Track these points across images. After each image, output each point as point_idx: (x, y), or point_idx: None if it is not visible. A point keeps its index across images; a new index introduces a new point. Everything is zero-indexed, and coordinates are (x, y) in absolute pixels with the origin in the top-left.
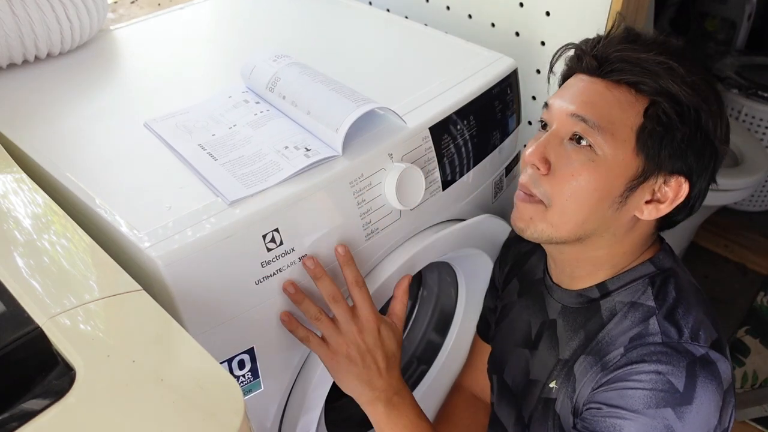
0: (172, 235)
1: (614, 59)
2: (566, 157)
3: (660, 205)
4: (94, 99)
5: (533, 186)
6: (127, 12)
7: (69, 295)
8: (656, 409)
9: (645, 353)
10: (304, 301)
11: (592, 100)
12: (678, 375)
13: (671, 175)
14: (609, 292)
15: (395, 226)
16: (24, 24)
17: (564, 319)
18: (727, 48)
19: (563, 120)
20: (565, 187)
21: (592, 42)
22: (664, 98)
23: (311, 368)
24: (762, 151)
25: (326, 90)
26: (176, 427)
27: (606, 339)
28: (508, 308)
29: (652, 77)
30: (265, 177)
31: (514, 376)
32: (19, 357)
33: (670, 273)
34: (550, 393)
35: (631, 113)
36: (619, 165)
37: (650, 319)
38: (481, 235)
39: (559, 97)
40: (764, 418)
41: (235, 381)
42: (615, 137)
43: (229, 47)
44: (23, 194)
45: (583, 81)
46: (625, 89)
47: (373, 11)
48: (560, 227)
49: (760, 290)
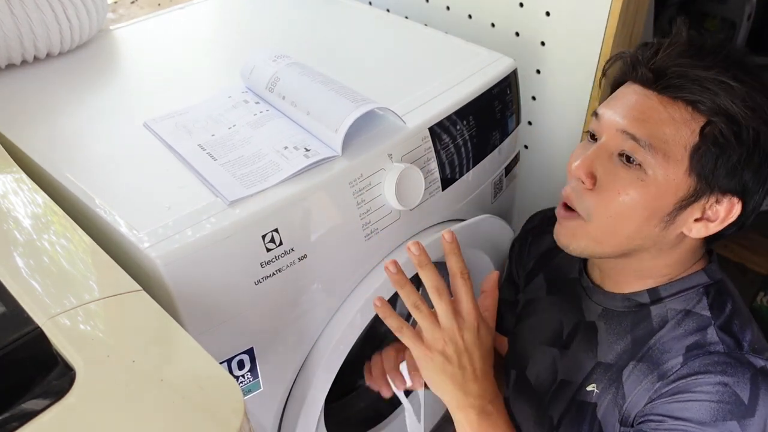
0: (171, 235)
1: (672, 74)
2: (614, 174)
3: (710, 224)
4: (94, 99)
5: (576, 200)
6: (127, 12)
7: (69, 295)
8: (723, 422)
9: (708, 363)
10: (406, 285)
11: (645, 116)
12: (743, 386)
13: (724, 195)
14: (661, 299)
15: (395, 226)
16: (23, 24)
17: (606, 322)
18: None
19: (613, 134)
20: (610, 205)
21: (650, 51)
22: (721, 118)
23: (311, 368)
24: None
25: (326, 90)
26: (176, 428)
27: (658, 346)
28: (534, 304)
29: (710, 96)
30: (264, 177)
31: (539, 373)
32: (19, 357)
33: (722, 284)
34: (588, 397)
35: (686, 132)
36: (670, 185)
37: (707, 329)
38: (481, 235)
39: (609, 108)
40: None
41: (235, 381)
42: (667, 157)
43: (229, 47)
44: (23, 194)
45: (637, 93)
46: (682, 106)
47: (373, 11)
48: (603, 243)
49: (760, 290)
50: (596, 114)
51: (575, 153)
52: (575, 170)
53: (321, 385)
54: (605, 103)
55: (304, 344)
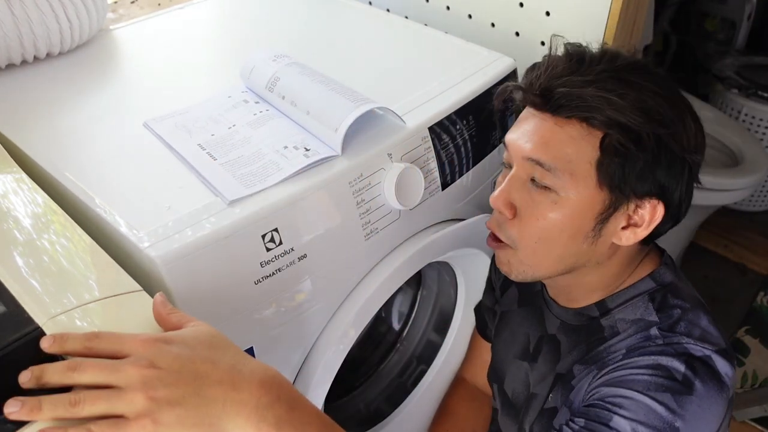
0: (171, 234)
1: (558, 95)
2: (530, 200)
3: (637, 229)
4: (94, 99)
5: (499, 230)
6: (127, 12)
7: (69, 295)
8: (656, 392)
9: (644, 351)
10: None
11: (545, 139)
12: (677, 366)
13: (642, 199)
14: (609, 310)
15: (394, 225)
16: (23, 24)
17: (565, 335)
18: (727, 48)
19: (521, 162)
20: (532, 231)
21: (535, 74)
22: (616, 129)
23: (311, 368)
24: (762, 151)
25: (325, 90)
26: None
27: (606, 350)
28: (507, 317)
29: (598, 111)
30: (264, 177)
31: (514, 387)
32: (19, 357)
33: (669, 288)
34: (549, 405)
35: (587, 148)
36: (585, 201)
37: (650, 329)
38: (481, 235)
39: (513, 134)
40: (764, 418)
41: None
42: (574, 176)
43: (229, 47)
44: (23, 194)
45: (535, 116)
46: (576, 123)
47: (373, 11)
48: (537, 267)
49: (759, 290)
50: (503, 142)
51: (497, 183)
52: (493, 203)
53: (321, 385)
54: (510, 130)
55: (304, 344)
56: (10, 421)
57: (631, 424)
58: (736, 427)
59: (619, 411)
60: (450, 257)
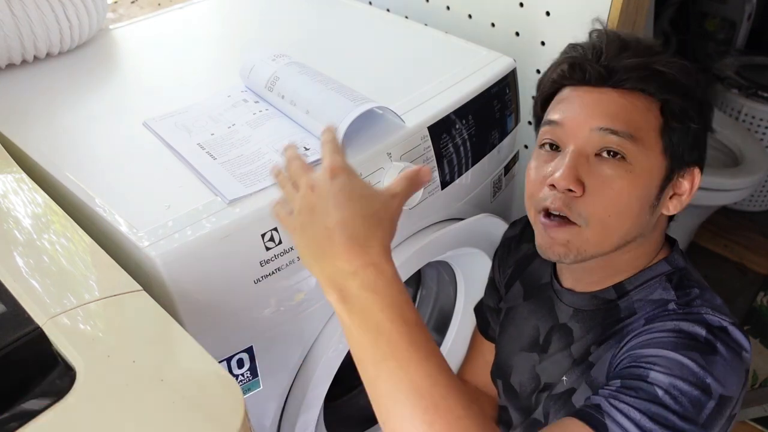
0: (171, 234)
1: (621, 68)
2: (600, 174)
3: (681, 198)
4: (94, 99)
5: (568, 209)
6: (127, 12)
7: (69, 295)
8: (686, 351)
9: (664, 318)
10: None
11: (614, 110)
12: (698, 331)
13: (686, 168)
14: (627, 292)
15: None
16: (23, 24)
17: (579, 322)
18: (727, 48)
19: (587, 136)
20: (606, 203)
21: (592, 52)
22: (674, 96)
23: (310, 367)
24: (762, 151)
25: (325, 89)
26: (176, 427)
27: (624, 328)
28: (512, 312)
29: (656, 81)
30: (264, 176)
31: (522, 380)
32: (19, 357)
33: (684, 272)
34: (561, 388)
35: (650, 116)
36: (653, 169)
37: (668, 304)
38: (480, 235)
39: (567, 111)
40: (764, 418)
41: (236, 381)
42: (645, 144)
43: (229, 47)
44: (23, 194)
45: (591, 93)
46: (638, 93)
47: (373, 11)
48: (604, 243)
49: (759, 290)
50: (552, 122)
51: (537, 166)
52: (561, 182)
53: (320, 384)
54: (555, 110)
55: (304, 343)
56: (11, 422)
57: (668, 378)
58: (736, 426)
59: (654, 368)
60: (449, 257)
